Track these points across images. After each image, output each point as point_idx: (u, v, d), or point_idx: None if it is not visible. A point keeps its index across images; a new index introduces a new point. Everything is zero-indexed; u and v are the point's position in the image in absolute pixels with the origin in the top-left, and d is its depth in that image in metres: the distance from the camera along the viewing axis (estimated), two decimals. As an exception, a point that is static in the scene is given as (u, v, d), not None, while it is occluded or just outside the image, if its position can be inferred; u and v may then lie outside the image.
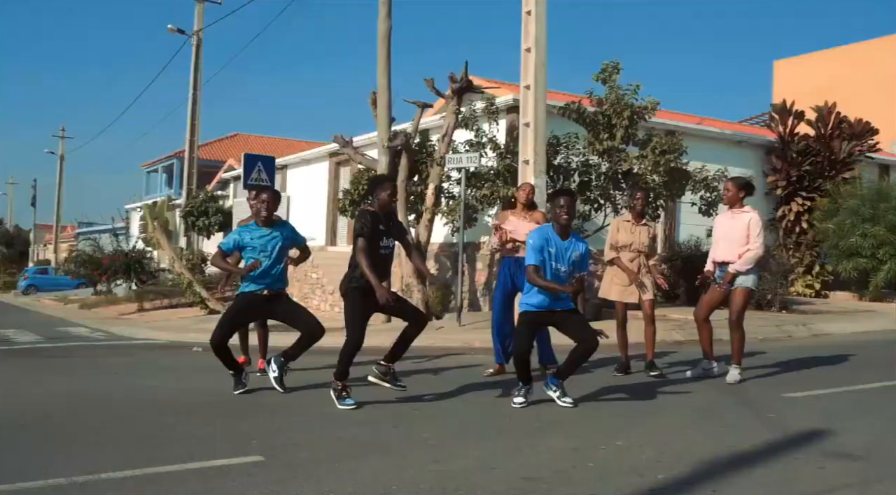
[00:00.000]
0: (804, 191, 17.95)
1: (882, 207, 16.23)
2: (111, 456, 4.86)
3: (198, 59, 25.75)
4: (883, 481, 4.34)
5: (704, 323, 7.91)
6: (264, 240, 7.01)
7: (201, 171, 26.81)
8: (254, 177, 15.07)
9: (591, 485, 4.25)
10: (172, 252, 20.65)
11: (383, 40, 14.29)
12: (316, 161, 23.18)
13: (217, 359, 7.11)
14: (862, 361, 9.24)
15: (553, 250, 6.35)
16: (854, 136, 18.34)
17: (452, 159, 13.46)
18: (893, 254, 15.98)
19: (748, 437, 5.32)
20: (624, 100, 13.27)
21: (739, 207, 7.81)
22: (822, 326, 12.67)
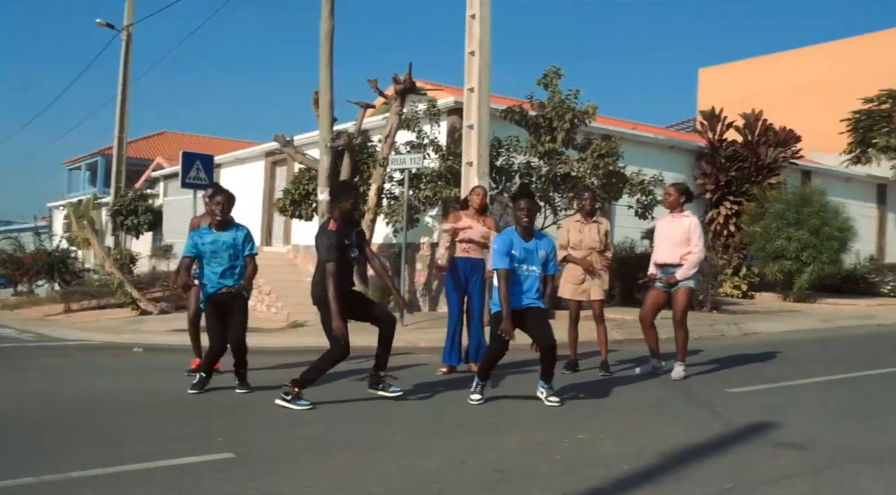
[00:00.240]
0: (732, 195, 18.56)
1: (805, 212, 16.96)
2: (76, 455, 4.80)
3: (127, 55, 25.20)
4: (833, 469, 4.60)
5: (651, 325, 8.17)
6: (216, 244, 6.98)
7: (128, 169, 26.20)
8: (192, 176, 14.83)
9: (561, 477, 4.39)
10: (102, 251, 20.15)
11: (326, 39, 14.24)
12: (251, 160, 22.94)
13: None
14: (793, 359, 9.65)
15: (517, 252, 6.47)
16: (779, 143, 19.04)
17: (396, 160, 13.53)
18: (816, 256, 16.72)
19: (701, 430, 5.55)
20: (566, 104, 13.53)
21: (680, 212, 8.11)
22: (751, 326, 13.14)
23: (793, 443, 5.17)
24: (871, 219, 23.41)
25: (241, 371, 7.15)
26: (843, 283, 19.80)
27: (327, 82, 14.24)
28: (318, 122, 14.41)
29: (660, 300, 8.13)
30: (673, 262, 7.96)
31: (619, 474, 4.44)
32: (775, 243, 16.91)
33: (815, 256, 16.73)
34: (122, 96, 25.11)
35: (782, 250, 16.86)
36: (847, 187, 22.76)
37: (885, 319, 14.76)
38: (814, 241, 16.71)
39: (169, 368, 9.07)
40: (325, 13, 14.29)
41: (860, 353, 10.40)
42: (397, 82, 14.01)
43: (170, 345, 11.45)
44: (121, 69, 25.08)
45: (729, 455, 4.92)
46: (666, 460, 4.75)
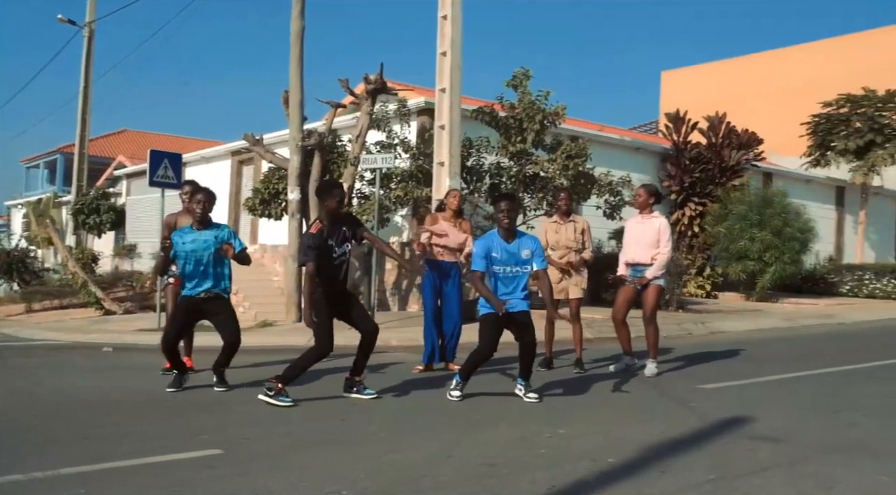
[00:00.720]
0: (696, 196, 18.86)
1: (768, 213, 17.29)
2: (61, 453, 4.79)
3: (90, 52, 24.88)
4: (808, 461, 4.74)
5: (623, 323, 8.31)
6: (196, 244, 6.95)
7: (89, 168, 25.84)
8: (160, 175, 14.69)
9: (549, 470, 4.48)
10: (65, 251, 19.88)
11: (296, 39, 14.22)
12: (217, 159, 22.78)
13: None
14: (760, 356, 9.87)
15: (498, 254, 6.56)
16: (741, 146, 19.39)
17: (367, 160, 13.56)
18: (779, 257, 17.06)
19: (679, 425, 5.68)
20: (536, 105, 13.66)
21: (649, 212, 8.26)
22: (717, 324, 13.38)
23: (768, 437, 5.32)
24: (829, 220, 23.94)
25: (221, 369, 7.14)
26: (804, 283, 20.25)
27: (297, 82, 14.21)
28: (289, 122, 14.37)
29: (631, 297, 8.28)
30: (643, 262, 8.11)
31: (605, 467, 4.54)
32: (739, 244, 17.22)
33: (777, 257, 17.07)
34: (83, 94, 24.79)
35: (745, 251, 17.18)
36: (807, 189, 23.25)
37: (844, 318, 15.12)
38: (776, 242, 17.05)
39: (142, 367, 9.00)
40: (295, 13, 14.28)
41: (823, 351, 10.65)
42: (368, 82, 14.04)
43: (139, 345, 11.37)
44: (83, 66, 24.76)
45: (708, 448, 5.05)
46: (648, 453, 4.86)
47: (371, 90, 13.96)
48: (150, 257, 22.01)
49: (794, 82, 35.77)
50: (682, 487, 4.18)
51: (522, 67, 14.12)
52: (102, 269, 23.51)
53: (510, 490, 4.12)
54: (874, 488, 4.19)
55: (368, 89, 13.97)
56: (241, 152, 21.56)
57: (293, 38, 14.25)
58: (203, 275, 6.97)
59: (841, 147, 23.55)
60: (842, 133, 23.73)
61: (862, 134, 23.32)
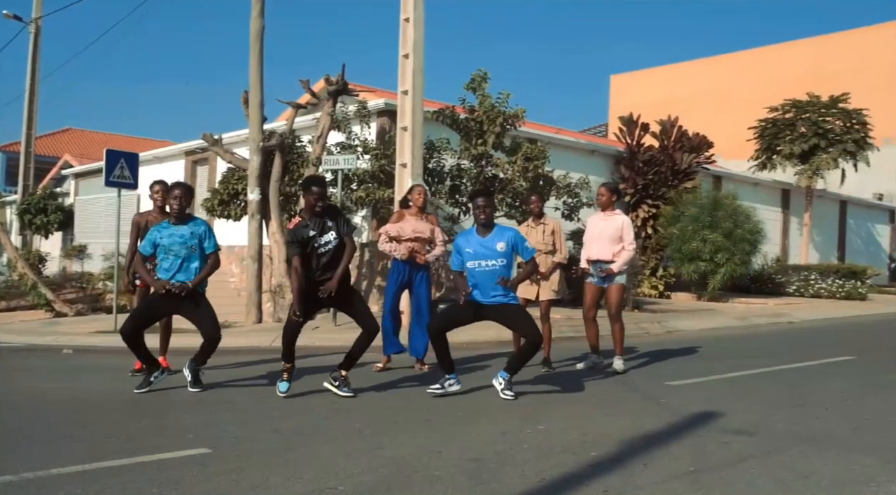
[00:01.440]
0: (650, 198, 19.21)
1: (719, 215, 17.72)
2: (50, 454, 4.76)
3: (36, 49, 24.39)
4: (783, 452, 4.94)
5: (592, 321, 8.48)
6: (173, 238, 6.94)
7: (33, 167, 25.30)
8: (116, 175, 14.50)
9: (535, 463, 4.59)
10: (14, 252, 19.46)
11: (256, 39, 14.17)
12: (170, 159, 22.50)
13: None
14: (719, 354, 10.16)
15: (471, 250, 6.70)
16: (692, 149, 19.79)
17: (329, 160, 13.56)
18: (730, 258, 17.49)
19: (653, 420, 5.84)
20: (496, 108, 13.81)
21: (611, 210, 8.46)
22: (673, 323, 13.68)
23: (739, 430, 5.51)
24: (776, 222, 24.57)
25: (197, 367, 7.11)
26: (752, 283, 20.76)
27: (257, 82, 14.16)
28: (248, 122, 14.30)
29: (599, 295, 8.46)
30: (605, 259, 8.30)
31: (589, 460, 4.67)
32: (691, 245, 17.59)
33: (728, 258, 17.49)
34: (30, 91, 24.29)
35: (697, 252, 17.56)
36: (754, 192, 23.84)
37: (793, 317, 15.56)
38: (727, 244, 17.46)
39: (108, 369, 8.92)
40: (254, 13, 14.22)
41: (778, 349, 10.98)
42: (330, 83, 14.05)
43: (98, 347, 11.23)
44: (29, 63, 24.27)
45: (684, 441, 5.22)
46: (628, 447, 5.01)
47: (333, 91, 13.97)
48: (101, 258, 21.63)
49: (740, 87, 36.67)
50: (667, 478, 4.33)
51: (480, 69, 14.27)
52: (50, 271, 23.03)
53: (501, 482, 4.22)
54: (848, 477, 4.39)
55: (330, 90, 13.97)
56: (196, 152, 21.36)
57: (253, 38, 14.20)
58: (178, 269, 6.96)
59: (787, 151, 24.21)
60: (787, 137, 24.39)
61: (807, 138, 23.99)
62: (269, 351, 10.52)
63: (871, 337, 12.93)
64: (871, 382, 7.86)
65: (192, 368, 7.09)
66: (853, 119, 24.17)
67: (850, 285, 20.54)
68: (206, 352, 7.11)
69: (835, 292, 20.10)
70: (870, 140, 24.33)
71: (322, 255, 6.66)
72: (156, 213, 8.32)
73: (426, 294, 8.37)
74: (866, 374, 8.36)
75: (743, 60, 38.51)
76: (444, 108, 14.47)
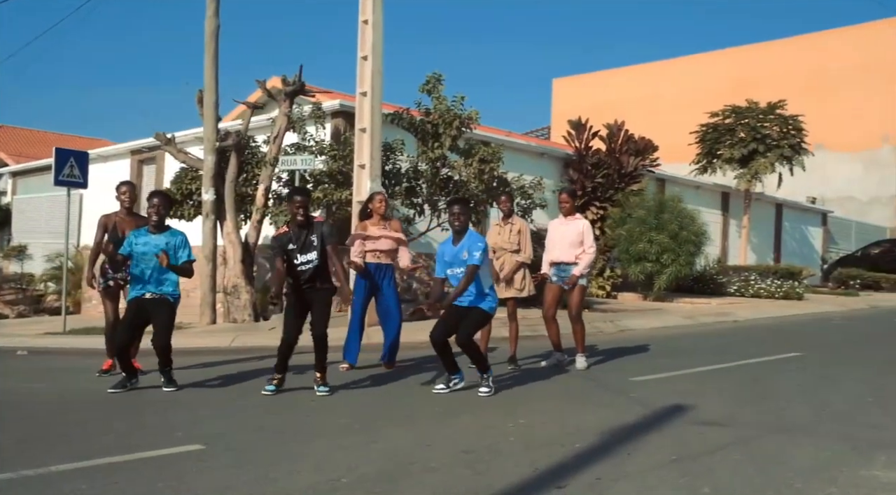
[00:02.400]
0: (598, 200, 19.58)
1: (665, 217, 18.16)
2: (43, 452, 4.74)
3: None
4: (757, 441, 5.19)
5: (553, 320, 8.70)
6: (148, 246, 6.95)
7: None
8: (65, 174, 14.27)
9: (525, 454, 4.76)
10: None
11: (210, 38, 14.09)
12: (115, 158, 22.09)
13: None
14: (675, 351, 10.48)
15: (447, 258, 6.93)
16: (638, 152, 20.25)
17: (286, 161, 13.55)
18: (675, 259, 17.93)
19: (626, 413, 6.07)
20: (452, 111, 13.97)
21: (572, 215, 8.72)
22: (625, 322, 14.02)
23: (712, 421, 5.77)
24: (716, 224, 25.26)
25: (167, 369, 7.10)
26: (695, 284, 21.29)
27: (212, 81, 14.07)
28: (203, 121, 14.20)
29: (559, 295, 8.69)
30: (567, 261, 8.53)
31: (575, 451, 4.85)
32: (638, 246, 17.99)
33: (673, 258, 17.92)
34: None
35: (644, 253, 17.97)
36: (696, 194, 24.47)
37: (737, 316, 16.06)
38: (672, 245, 17.90)
39: (72, 370, 8.83)
40: (209, 12, 14.14)
41: (729, 346, 11.35)
42: (286, 84, 14.04)
43: (51, 349, 11.07)
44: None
45: (661, 432, 5.44)
46: (609, 438, 5.21)
47: (290, 92, 13.96)
48: (43, 259, 21.18)
49: (679, 92, 37.58)
50: (652, 466, 4.53)
51: (435, 72, 14.43)
52: (-11, 272, 22.46)
53: (498, 472, 4.37)
54: (821, 462, 4.65)
55: (287, 91, 13.96)
56: (143, 151, 21.04)
57: (208, 37, 14.11)
58: (149, 278, 6.97)
59: (727, 155, 24.94)
60: (727, 142, 25.12)
61: (746, 143, 24.76)
62: (230, 351, 10.52)
63: (813, 335, 13.44)
64: (822, 376, 8.23)
65: (163, 371, 7.09)
66: (789, 125, 25.02)
67: (788, 285, 21.24)
68: (161, 357, 7.08)
69: (773, 292, 20.76)
70: (805, 145, 25.20)
71: (303, 272, 6.80)
72: (122, 214, 8.27)
73: (393, 296, 8.45)
74: (816, 369, 8.75)
75: (682, 66, 39.48)
76: (399, 111, 14.57)
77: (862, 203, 35.24)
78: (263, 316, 14.27)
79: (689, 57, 39.99)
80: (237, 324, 13.59)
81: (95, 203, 20.48)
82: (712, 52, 39.31)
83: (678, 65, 39.77)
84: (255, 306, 14.05)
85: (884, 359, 9.80)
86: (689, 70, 38.69)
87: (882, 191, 35.12)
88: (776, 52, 36.52)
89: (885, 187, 35.11)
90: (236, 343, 11.18)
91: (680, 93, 37.40)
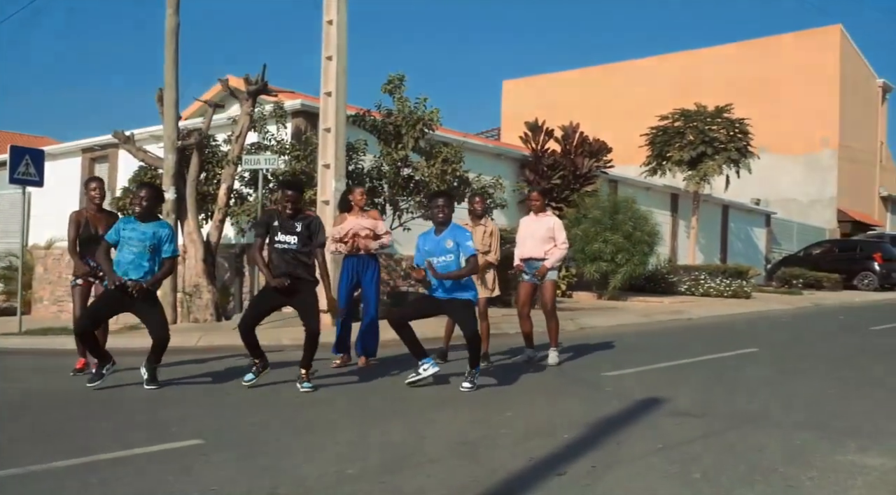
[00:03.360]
0: (554, 201, 19.87)
1: (619, 218, 18.55)
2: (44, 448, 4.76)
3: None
4: (733, 430, 5.46)
5: (527, 317, 8.90)
6: (136, 234, 6.96)
7: None
8: (21, 172, 14.03)
9: (519, 444, 4.95)
10: None
11: (171, 36, 13.98)
12: (65, 156, 21.70)
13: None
14: (637, 347, 10.80)
15: (428, 247, 7.07)
16: (593, 154, 20.62)
17: (249, 160, 13.54)
18: (629, 258, 18.34)
19: (607, 406, 6.29)
20: (417, 113, 14.11)
21: (543, 213, 8.97)
22: (585, 320, 14.30)
23: (686, 413, 6.03)
24: (666, 224, 25.81)
25: (155, 366, 7.10)
26: (647, 283, 21.74)
27: (172, 80, 13.96)
28: (163, 120, 14.09)
29: (532, 292, 8.92)
30: (537, 257, 8.79)
31: (565, 441, 5.05)
32: (593, 246, 18.35)
33: (628, 258, 18.33)
34: None
35: (599, 252, 18.33)
36: (646, 196, 24.96)
37: (691, 314, 16.49)
38: (627, 245, 18.30)
39: (40, 370, 8.75)
40: (170, 10, 14.04)
41: (688, 342, 11.67)
42: (249, 83, 14.01)
43: (11, 349, 10.89)
44: None
45: (643, 423, 5.67)
46: (596, 429, 5.42)
47: (253, 91, 13.95)
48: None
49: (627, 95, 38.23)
50: (642, 454, 4.76)
51: (398, 72, 14.55)
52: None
53: (496, 462, 4.54)
54: (794, 449, 4.92)
55: (250, 90, 13.94)
56: (95, 149, 20.73)
57: (168, 36, 13.99)
58: (132, 264, 6.95)
59: (677, 158, 25.50)
60: (677, 145, 25.69)
61: (695, 146, 25.34)
62: (197, 350, 10.48)
63: (765, 332, 13.88)
64: (781, 370, 8.58)
65: (149, 368, 7.08)
66: (736, 128, 25.69)
67: (737, 284, 21.81)
68: (157, 352, 7.11)
69: (723, 291, 21.29)
70: (751, 148, 25.90)
71: (282, 251, 6.90)
72: (93, 211, 8.23)
73: (374, 293, 8.55)
74: (775, 364, 9.11)
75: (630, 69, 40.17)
76: (360, 112, 14.65)
77: (803, 205, 36.29)
78: (225, 315, 14.23)
79: (637, 60, 40.70)
80: (200, 324, 13.53)
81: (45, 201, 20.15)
82: (659, 56, 40.06)
83: (626, 68, 40.45)
84: (216, 305, 14.00)
85: (838, 355, 10.23)
86: (637, 73, 39.38)
87: (822, 194, 36.22)
88: (721, 56, 37.37)
89: (824, 190, 36.22)
90: (202, 342, 11.15)
91: (628, 95, 38.05)
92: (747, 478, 4.25)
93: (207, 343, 11.06)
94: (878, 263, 26.49)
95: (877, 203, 41.59)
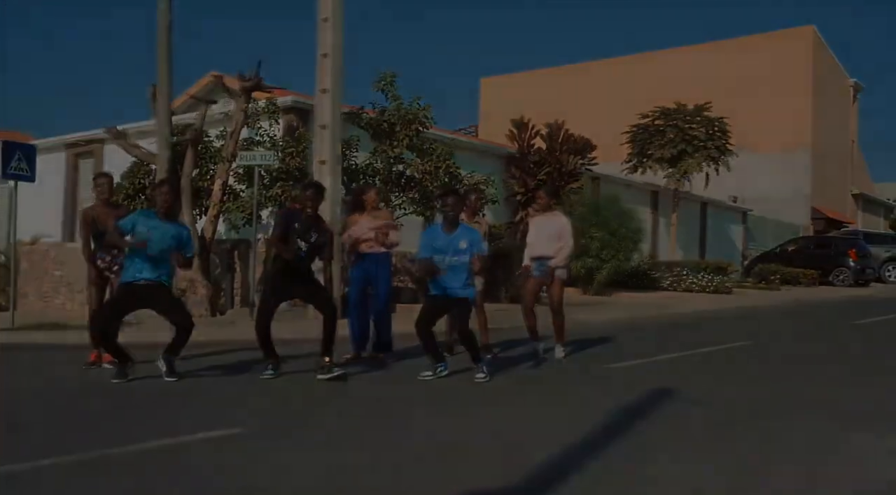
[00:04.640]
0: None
1: (605, 215, 18.81)
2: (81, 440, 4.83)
3: None
4: (745, 420, 5.69)
5: (532, 312, 9.07)
6: (157, 230, 7.00)
7: None
8: (13, 167, 13.95)
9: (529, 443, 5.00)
10: None
11: (164, 33, 13.98)
12: (49, 151, 21.53)
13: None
14: (634, 341, 11.02)
15: (439, 244, 7.20)
16: (577, 151, 20.85)
17: (245, 156, 13.59)
18: (614, 255, 18.62)
19: (616, 398, 6.42)
20: (412, 111, 14.25)
21: (552, 212, 9.16)
22: (576, 316, 14.32)
23: (699, 401, 6.26)
24: (647, 221, 26.16)
25: (172, 357, 7.18)
26: (630, 279, 22.01)
27: (166, 77, 13.92)
28: (157, 116, 14.09)
29: (538, 288, 9.10)
30: (547, 255, 8.95)
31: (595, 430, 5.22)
32: (580, 242, 18.58)
33: (613, 254, 18.62)
34: None
35: (585, 249, 18.57)
36: (628, 193, 25.25)
37: (676, 309, 16.78)
38: (612, 241, 18.59)
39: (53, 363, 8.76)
40: (163, 7, 14.03)
41: (682, 336, 11.96)
42: (244, 79, 14.05)
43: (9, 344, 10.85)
44: None
45: (653, 415, 5.85)
46: (620, 419, 5.61)
47: (247, 87, 13.98)
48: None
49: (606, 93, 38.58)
50: (672, 439, 4.96)
51: (389, 70, 14.70)
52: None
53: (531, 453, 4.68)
54: (816, 434, 5.14)
55: (245, 86, 13.98)
56: (79, 145, 20.66)
57: (161, 33, 14.00)
58: (146, 261, 7.01)
59: (657, 155, 25.86)
60: (658, 142, 26.04)
61: (675, 144, 25.71)
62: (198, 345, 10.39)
63: (753, 325, 14.18)
64: (779, 362, 8.86)
65: (168, 359, 7.16)
66: (715, 126, 26.09)
67: (718, 280, 22.17)
68: (179, 344, 7.20)
69: (705, 286, 21.62)
70: (730, 146, 26.31)
71: (297, 249, 7.10)
72: (101, 206, 8.26)
73: (386, 291, 8.66)
74: (770, 356, 9.40)
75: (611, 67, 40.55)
76: (354, 110, 14.77)
77: (778, 202, 36.86)
78: (220, 311, 14.26)
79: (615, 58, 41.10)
80: (196, 319, 13.50)
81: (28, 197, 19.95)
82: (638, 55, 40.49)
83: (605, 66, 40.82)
84: (211, 301, 14.02)
85: (834, 346, 10.54)
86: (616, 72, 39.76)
87: (796, 192, 36.82)
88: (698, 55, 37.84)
89: (799, 188, 36.82)
90: (202, 337, 11.11)
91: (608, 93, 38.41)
92: (776, 461, 4.46)
93: (207, 338, 11.04)
94: (852, 260, 26.99)
95: (849, 201, 42.38)
